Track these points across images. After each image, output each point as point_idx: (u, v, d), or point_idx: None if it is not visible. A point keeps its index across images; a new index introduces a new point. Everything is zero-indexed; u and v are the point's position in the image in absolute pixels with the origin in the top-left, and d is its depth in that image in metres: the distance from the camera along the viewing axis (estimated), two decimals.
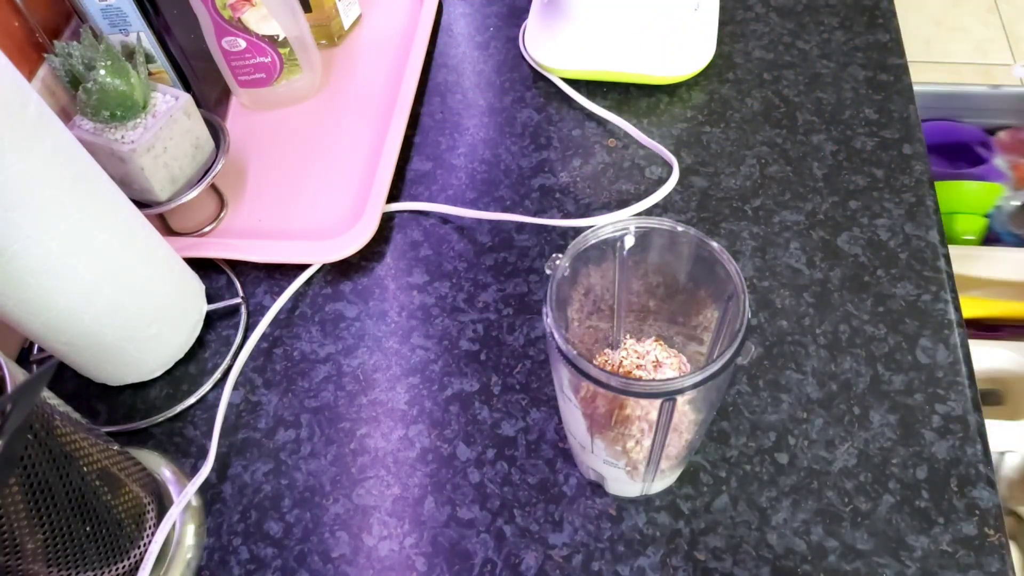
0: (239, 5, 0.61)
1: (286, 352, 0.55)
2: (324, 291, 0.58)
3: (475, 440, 0.50)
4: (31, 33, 0.59)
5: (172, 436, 0.52)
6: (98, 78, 0.51)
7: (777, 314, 0.53)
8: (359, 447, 0.51)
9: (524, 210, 0.61)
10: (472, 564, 0.45)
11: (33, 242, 0.41)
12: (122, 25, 0.60)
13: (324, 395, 0.53)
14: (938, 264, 0.54)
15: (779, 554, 0.44)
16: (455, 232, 0.61)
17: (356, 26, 0.76)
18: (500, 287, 0.57)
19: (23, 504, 0.35)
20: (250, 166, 0.66)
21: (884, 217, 0.57)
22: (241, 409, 0.53)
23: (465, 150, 0.66)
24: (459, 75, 0.71)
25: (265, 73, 0.67)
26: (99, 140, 0.53)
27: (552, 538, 0.46)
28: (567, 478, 0.48)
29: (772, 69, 0.67)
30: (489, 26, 0.75)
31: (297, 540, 0.47)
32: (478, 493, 0.48)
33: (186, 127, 0.56)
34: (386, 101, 0.68)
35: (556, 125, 0.66)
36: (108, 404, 0.54)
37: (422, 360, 0.54)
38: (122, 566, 0.42)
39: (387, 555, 0.46)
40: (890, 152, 0.61)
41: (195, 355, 0.56)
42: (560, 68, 0.68)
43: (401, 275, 0.59)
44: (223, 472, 0.50)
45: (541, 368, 0.53)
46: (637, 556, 0.45)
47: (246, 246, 0.59)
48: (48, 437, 0.37)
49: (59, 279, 0.44)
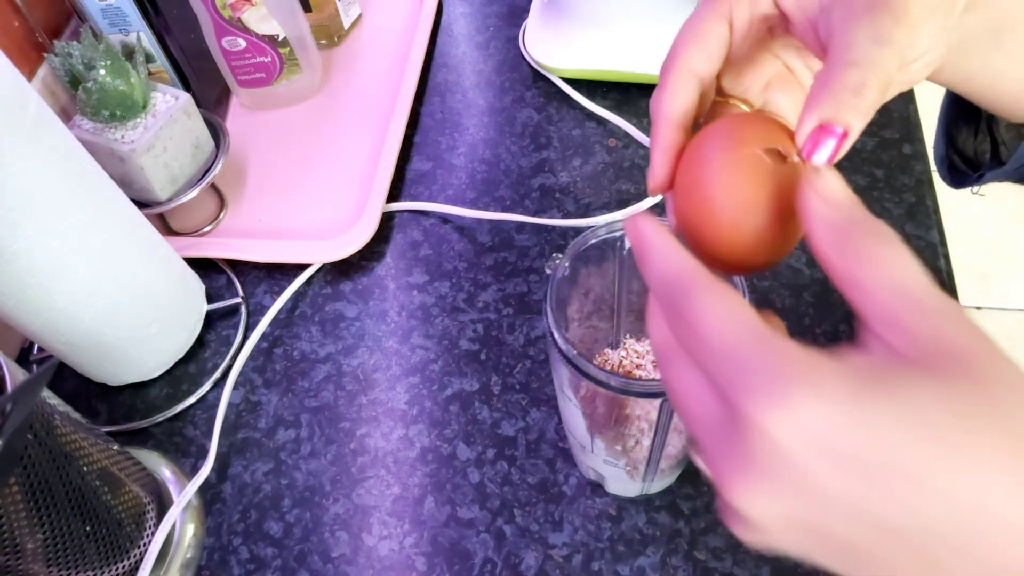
0: (239, 5, 0.61)
1: (286, 352, 0.55)
2: (324, 291, 0.58)
3: (475, 440, 0.50)
4: (31, 33, 0.59)
5: (172, 436, 0.52)
6: (98, 78, 0.51)
7: (777, 314, 0.53)
8: (359, 447, 0.51)
9: (524, 210, 0.61)
10: (472, 564, 0.45)
11: (33, 242, 0.41)
12: (122, 25, 0.60)
13: (324, 395, 0.53)
14: (938, 264, 0.54)
15: (779, 554, 0.44)
16: (455, 232, 0.61)
17: (356, 26, 0.76)
18: (500, 287, 0.57)
19: (23, 504, 0.35)
20: (250, 166, 0.66)
21: (884, 217, 0.57)
22: (241, 409, 0.53)
23: (465, 150, 0.66)
24: (459, 75, 0.71)
25: (265, 73, 0.67)
26: (99, 140, 0.53)
27: (552, 538, 0.46)
28: (567, 478, 0.48)
29: None
30: (489, 26, 0.75)
31: (297, 540, 0.47)
32: (478, 493, 0.48)
33: (186, 127, 0.56)
34: (386, 101, 0.68)
35: (556, 125, 0.66)
36: (108, 404, 0.54)
37: (422, 360, 0.54)
38: (122, 566, 0.42)
39: (387, 555, 0.46)
40: (890, 152, 0.61)
41: (195, 355, 0.56)
42: (560, 68, 0.68)
43: (401, 275, 0.59)
44: (223, 472, 0.50)
45: (541, 368, 0.53)
46: (637, 556, 0.45)
47: (246, 246, 0.59)
48: (48, 437, 0.37)
49: (59, 279, 0.44)
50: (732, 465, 0.22)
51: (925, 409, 0.20)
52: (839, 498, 0.20)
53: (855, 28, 0.25)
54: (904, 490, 0.19)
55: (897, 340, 0.21)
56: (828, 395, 0.20)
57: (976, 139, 0.40)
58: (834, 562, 0.22)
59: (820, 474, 0.20)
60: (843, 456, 0.20)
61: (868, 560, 0.21)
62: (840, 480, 0.20)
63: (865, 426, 0.20)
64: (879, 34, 0.25)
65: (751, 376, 0.21)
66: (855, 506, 0.20)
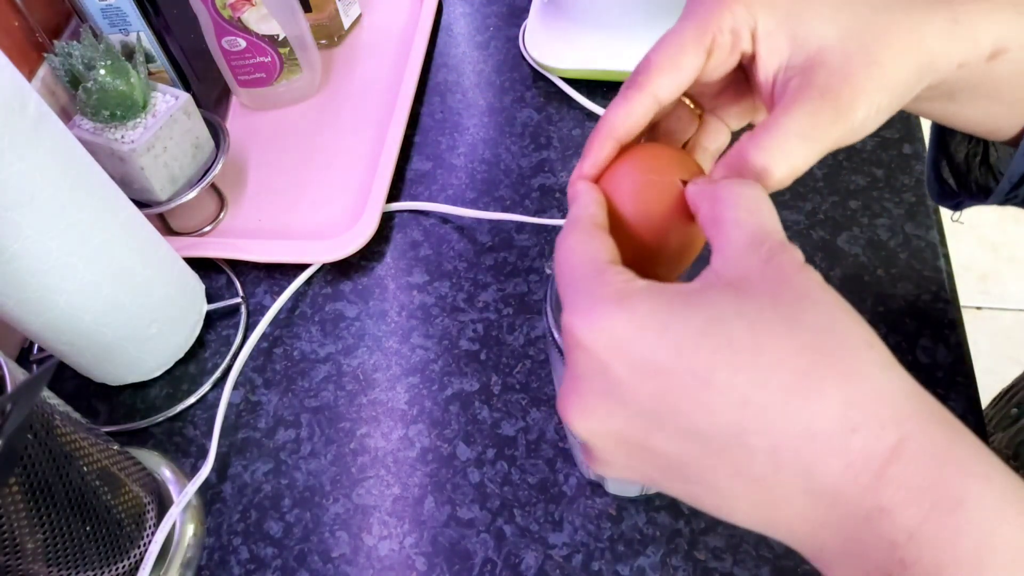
0: (239, 5, 0.61)
1: (286, 352, 0.55)
2: (324, 291, 0.58)
3: (475, 440, 0.50)
4: (31, 33, 0.59)
5: (172, 436, 0.52)
6: (98, 78, 0.51)
7: None
8: (359, 447, 0.51)
9: (524, 210, 0.61)
10: (472, 564, 0.45)
11: (33, 242, 0.41)
12: (122, 25, 0.60)
13: (324, 395, 0.53)
14: (938, 264, 0.54)
15: (779, 553, 0.44)
16: (455, 232, 0.61)
17: (356, 26, 0.76)
18: (500, 287, 0.57)
19: (23, 504, 0.35)
20: (250, 166, 0.66)
21: (884, 217, 0.57)
22: (241, 409, 0.53)
23: (465, 150, 0.66)
24: (459, 75, 0.71)
25: (265, 73, 0.67)
26: (99, 140, 0.53)
27: (552, 538, 0.46)
28: (567, 478, 0.48)
29: None
30: (489, 26, 0.75)
31: (297, 540, 0.47)
32: (478, 493, 0.48)
33: (186, 127, 0.56)
34: (386, 101, 0.68)
35: (556, 125, 0.66)
36: (108, 404, 0.54)
37: (422, 360, 0.54)
38: (122, 566, 0.42)
39: (387, 555, 0.46)
40: (890, 152, 0.61)
41: (195, 355, 0.56)
42: (560, 68, 0.68)
43: (401, 275, 0.59)
44: (223, 472, 0.50)
45: (541, 368, 0.53)
46: (637, 556, 0.45)
47: (246, 246, 0.59)
48: (48, 437, 0.37)
49: (59, 279, 0.44)
50: (565, 390, 0.24)
51: (720, 318, 0.22)
52: (645, 404, 0.22)
53: (794, 112, 0.26)
54: (696, 389, 0.21)
55: (720, 263, 0.23)
56: (632, 308, 0.22)
57: (970, 144, 0.40)
58: (671, 483, 0.24)
59: (625, 379, 0.22)
60: (640, 360, 0.22)
61: (693, 474, 0.23)
62: (640, 383, 0.22)
63: (656, 332, 0.22)
64: (810, 131, 0.26)
65: (576, 296, 0.24)
66: (659, 411, 0.22)
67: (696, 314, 0.22)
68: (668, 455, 0.23)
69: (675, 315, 0.22)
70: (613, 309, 0.22)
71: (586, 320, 0.23)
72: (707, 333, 0.21)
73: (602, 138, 0.29)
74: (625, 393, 0.22)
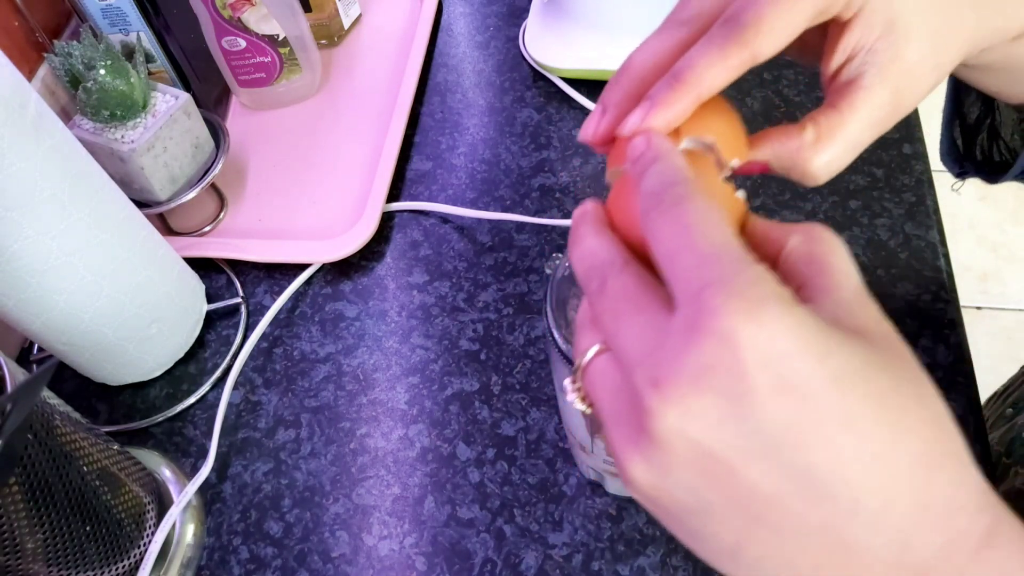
0: (239, 5, 0.61)
1: (286, 352, 0.55)
2: (324, 291, 0.58)
3: (475, 440, 0.50)
4: (31, 33, 0.59)
5: (172, 436, 0.52)
6: (98, 78, 0.51)
7: None
8: (359, 447, 0.51)
9: (524, 210, 0.61)
10: (472, 564, 0.45)
11: (33, 242, 0.41)
12: (122, 25, 0.60)
13: (324, 395, 0.53)
14: (938, 264, 0.54)
15: None
16: (455, 232, 0.61)
17: (356, 26, 0.76)
18: (500, 287, 0.57)
19: (23, 504, 0.35)
20: (250, 166, 0.66)
21: (884, 217, 0.57)
22: (241, 409, 0.53)
23: (465, 150, 0.66)
24: (459, 75, 0.71)
25: (265, 73, 0.67)
26: (99, 140, 0.53)
27: (552, 538, 0.46)
28: (567, 478, 0.48)
29: (772, 69, 0.67)
30: (489, 26, 0.75)
31: (297, 540, 0.47)
32: (478, 493, 0.48)
33: (186, 127, 0.56)
34: (386, 101, 0.68)
35: (556, 125, 0.66)
36: (108, 404, 0.54)
37: (422, 360, 0.54)
38: (122, 566, 0.42)
39: (387, 555, 0.46)
40: (890, 152, 0.61)
41: (195, 355, 0.56)
42: (560, 68, 0.68)
43: (401, 275, 0.59)
44: (223, 472, 0.50)
45: (541, 368, 0.53)
46: (637, 556, 0.45)
47: (246, 246, 0.59)
48: (48, 437, 0.37)
49: (59, 279, 0.44)
50: (670, 371, 0.20)
51: (870, 365, 0.20)
52: (769, 427, 0.19)
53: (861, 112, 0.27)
54: (834, 430, 0.19)
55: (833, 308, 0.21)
56: (801, 321, 0.19)
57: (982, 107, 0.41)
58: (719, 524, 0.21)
59: (763, 392, 0.19)
60: (791, 379, 0.19)
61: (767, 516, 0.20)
62: (779, 403, 0.19)
63: (817, 357, 0.19)
64: (868, 138, 0.27)
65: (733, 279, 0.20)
66: (781, 439, 0.19)
67: (855, 353, 0.20)
68: (754, 488, 0.20)
69: (840, 346, 0.20)
70: (783, 314, 0.19)
71: (751, 316, 0.19)
72: (863, 376, 0.20)
73: (686, 87, 0.25)
74: (755, 407, 0.19)
